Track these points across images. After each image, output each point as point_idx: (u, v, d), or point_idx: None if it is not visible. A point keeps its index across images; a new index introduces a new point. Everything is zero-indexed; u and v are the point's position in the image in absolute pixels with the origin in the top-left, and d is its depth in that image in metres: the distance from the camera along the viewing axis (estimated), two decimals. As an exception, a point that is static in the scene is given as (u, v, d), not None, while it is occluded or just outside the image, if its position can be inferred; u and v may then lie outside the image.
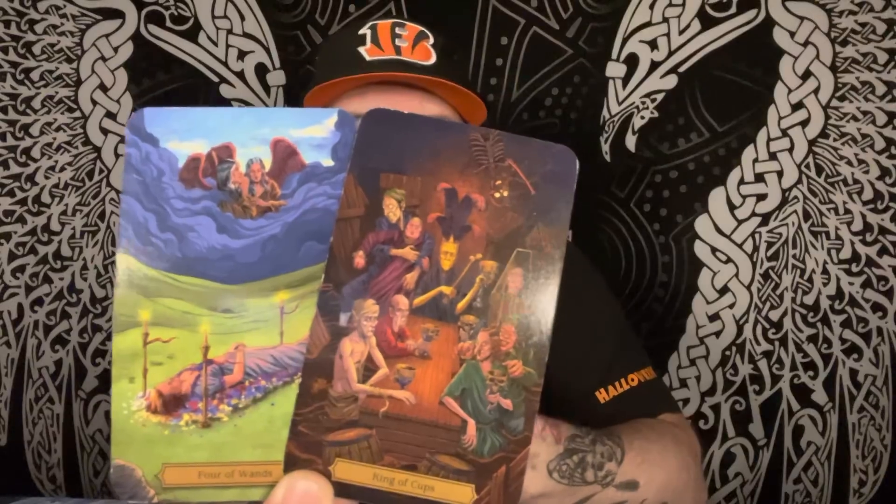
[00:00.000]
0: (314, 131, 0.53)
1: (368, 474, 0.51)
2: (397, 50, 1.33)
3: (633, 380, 1.34)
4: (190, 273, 0.52)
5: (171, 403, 0.51)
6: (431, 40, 1.37)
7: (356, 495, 0.51)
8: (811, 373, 1.96)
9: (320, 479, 0.49)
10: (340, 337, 0.51)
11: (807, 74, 1.92)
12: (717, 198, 1.96)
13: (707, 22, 1.94)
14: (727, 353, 1.99)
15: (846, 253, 1.93)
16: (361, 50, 1.34)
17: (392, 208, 0.52)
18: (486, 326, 0.52)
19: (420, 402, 0.52)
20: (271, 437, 0.51)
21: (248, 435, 0.51)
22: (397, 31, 1.36)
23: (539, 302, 0.52)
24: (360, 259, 0.52)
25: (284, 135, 0.53)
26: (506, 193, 0.53)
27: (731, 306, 1.98)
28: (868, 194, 1.91)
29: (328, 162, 0.53)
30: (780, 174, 1.94)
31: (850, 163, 1.91)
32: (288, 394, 0.51)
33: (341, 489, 0.50)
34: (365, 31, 1.36)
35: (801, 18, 1.91)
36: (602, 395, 1.32)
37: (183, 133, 0.52)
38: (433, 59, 1.35)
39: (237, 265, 0.52)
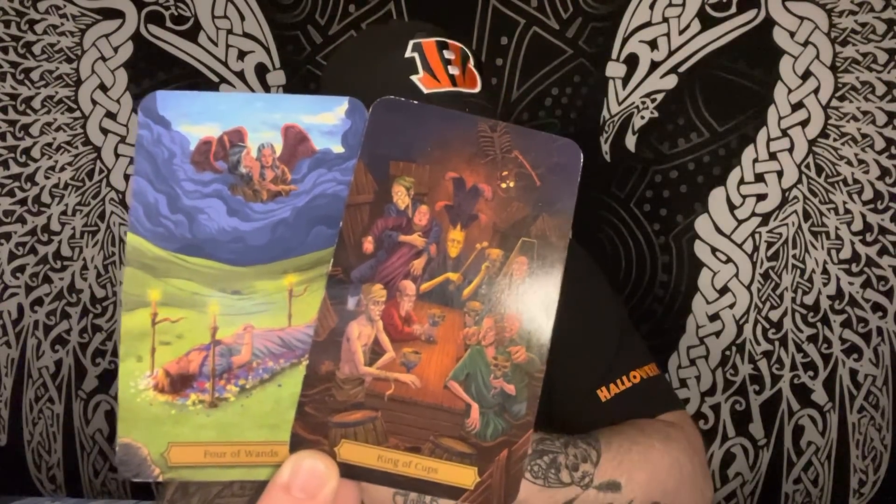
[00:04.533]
0: (325, 118, 0.53)
1: (373, 456, 0.51)
2: (452, 80, 1.28)
3: (635, 377, 1.33)
4: (199, 254, 0.52)
5: (179, 383, 0.51)
6: (472, 60, 1.33)
7: (361, 476, 0.51)
8: (811, 373, 1.97)
9: (326, 459, 0.50)
10: (348, 320, 0.52)
11: (807, 74, 1.93)
12: (717, 198, 1.97)
13: (707, 22, 1.95)
14: (727, 353, 1.99)
15: (846, 253, 1.94)
16: (416, 80, 1.27)
17: (401, 195, 0.53)
18: (490, 313, 0.53)
19: (425, 386, 0.52)
20: (277, 417, 0.52)
21: (255, 415, 0.52)
22: (445, 55, 1.30)
23: (543, 290, 0.53)
24: (368, 244, 0.52)
25: (296, 121, 0.53)
26: (512, 184, 0.54)
27: (731, 306, 1.99)
28: (868, 194, 1.92)
29: (338, 149, 0.53)
30: (780, 174, 1.95)
31: (850, 163, 1.92)
32: (295, 375, 0.52)
33: (346, 470, 0.51)
34: (412, 54, 1.29)
35: (801, 18, 1.91)
36: (603, 394, 1.31)
37: (195, 116, 0.52)
38: (479, 85, 1.31)
39: (247, 248, 0.52)
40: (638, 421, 1.28)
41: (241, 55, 2.06)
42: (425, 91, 1.26)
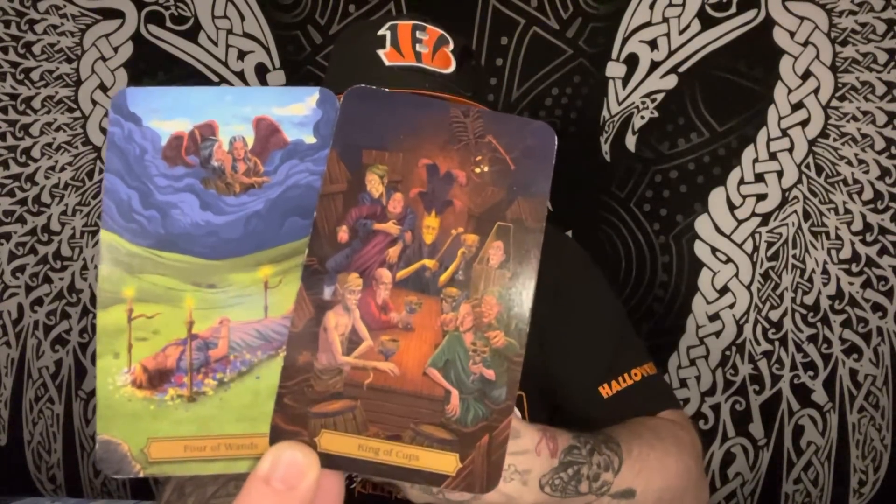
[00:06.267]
0: (296, 109, 0.53)
1: (354, 445, 0.51)
2: (417, 56, 1.29)
3: (636, 375, 1.33)
4: (173, 249, 0.52)
5: (157, 378, 0.51)
6: (451, 45, 1.34)
7: (342, 466, 0.51)
8: (811, 373, 1.96)
9: (306, 450, 0.49)
10: (325, 310, 0.51)
11: (807, 74, 1.92)
12: (717, 198, 1.97)
13: (707, 22, 1.95)
14: (727, 353, 1.99)
15: (846, 253, 1.93)
16: (380, 53, 1.30)
17: (374, 184, 0.52)
18: (468, 298, 0.52)
19: (404, 374, 0.52)
20: (257, 410, 0.51)
21: (234, 408, 0.51)
22: (418, 34, 1.31)
23: (520, 274, 0.53)
24: (343, 234, 0.52)
25: (267, 113, 0.53)
26: (486, 169, 0.53)
27: (731, 306, 1.98)
28: (868, 194, 1.92)
29: (310, 139, 0.53)
30: (780, 174, 1.94)
31: (850, 163, 1.92)
32: (273, 367, 0.51)
33: (327, 460, 0.50)
34: (384, 31, 1.32)
35: (801, 18, 1.91)
36: (605, 391, 1.31)
37: (165, 112, 0.52)
38: (452, 67, 1.32)
39: (221, 241, 0.52)
40: (648, 420, 1.29)
41: (241, 55, 2.07)
42: (387, 63, 1.28)
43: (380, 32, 1.33)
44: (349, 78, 1.31)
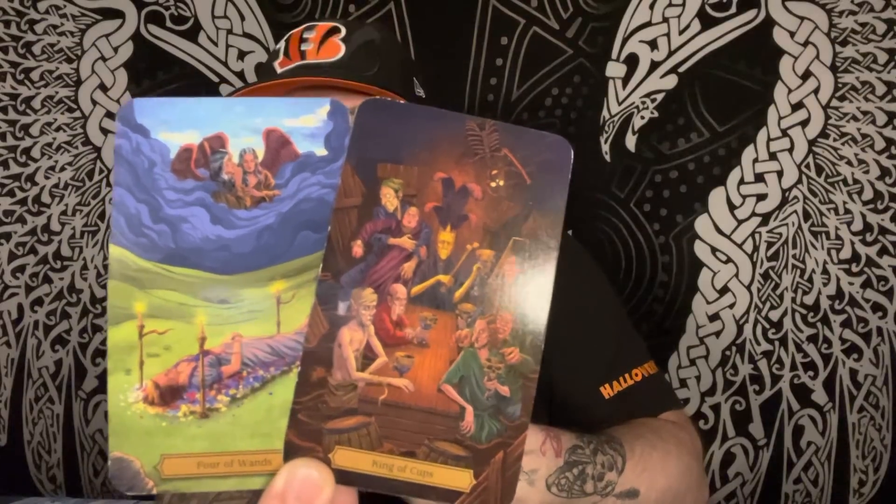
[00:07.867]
0: (307, 121, 0.53)
1: (368, 461, 0.51)
2: (302, 55, 1.33)
3: (637, 375, 1.33)
4: (184, 264, 0.51)
5: (169, 395, 0.51)
6: (343, 33, 1.36)
7: (356, 482, 0.51)
8: (811, 373, 1.96)
9: (321, 466, 0.49)
10: (339, 326, 0.51)
11: (807, 74, 1.92)
12: (717, 198, 1.96)
13: (707, 22, 1.94)
14: (727, 353, 1.98)
15: (846, 253, 1.93)
16: (275, 65, 1.36)
17: (389, 198, 0.52)
18: (483, 314, 0.52)
19: (419, 390, 0.52)
20: (270, 426, 0.51)
21: (247, 424, 0.51)
22: (304, 35, 1.36)
23: (535, 290, 0.53)
24: (357, 248, 0.52)
25: (277, 125, 0.52)
26: (502, 183, 0.53)
27: (731, 306, 1.98)
28: (868, 194, 1.91)
29: (321, 151, 0.53)
30: (780, 174, 1.94)
31: (850, 163, 1.91)
32: (286, 383, 0.51)
33: (341, 476, 0.50)
34: (280, 44, 1.39)
35: (801, 18, 1.91)
36: (606, 391, 1.31)
37: (174, 123, 0.52)
38: (340, 54, 1.34)
39: (232, 256, 0.51)
40: (650, 421, 1.29)
41: (241, 55, 2.07)
42: (278, 71, 1.34)
43: (277, 46, 1.40)
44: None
